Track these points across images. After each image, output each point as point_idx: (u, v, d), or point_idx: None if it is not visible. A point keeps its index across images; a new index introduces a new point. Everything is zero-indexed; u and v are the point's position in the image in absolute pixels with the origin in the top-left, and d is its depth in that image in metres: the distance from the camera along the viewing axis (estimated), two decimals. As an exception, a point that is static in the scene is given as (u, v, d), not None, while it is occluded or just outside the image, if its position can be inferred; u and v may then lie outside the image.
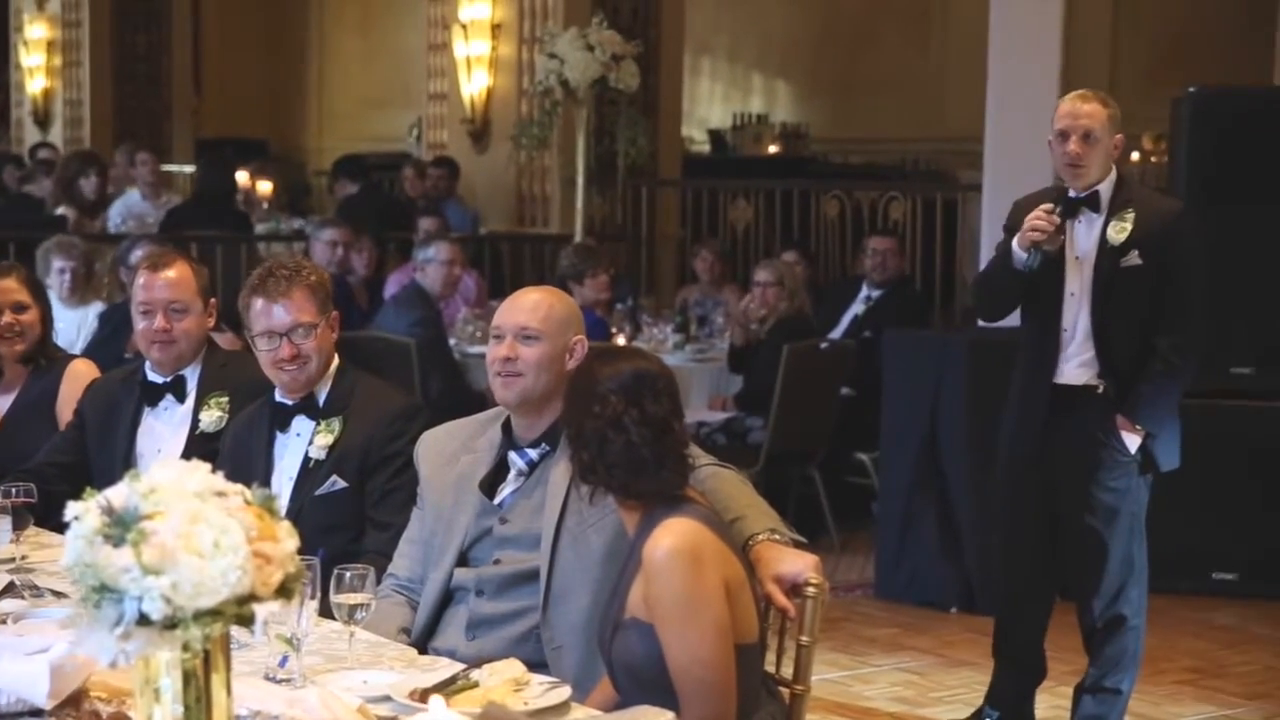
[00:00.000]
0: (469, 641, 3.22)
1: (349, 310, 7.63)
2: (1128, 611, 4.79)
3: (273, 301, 3.75)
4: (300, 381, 3.78)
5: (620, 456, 2.81)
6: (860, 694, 5.47)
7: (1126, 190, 4.76)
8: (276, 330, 3.74)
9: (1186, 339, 4.71)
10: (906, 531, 6.65)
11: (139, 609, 1.83)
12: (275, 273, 3.81)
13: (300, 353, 3.74)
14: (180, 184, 13.17)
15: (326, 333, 3.80)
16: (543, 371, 3.29)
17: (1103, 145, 4.68)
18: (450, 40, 11.12)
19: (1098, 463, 4.73)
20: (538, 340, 3.30)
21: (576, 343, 3.34)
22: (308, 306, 3.76)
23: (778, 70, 15.36)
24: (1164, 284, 4.67)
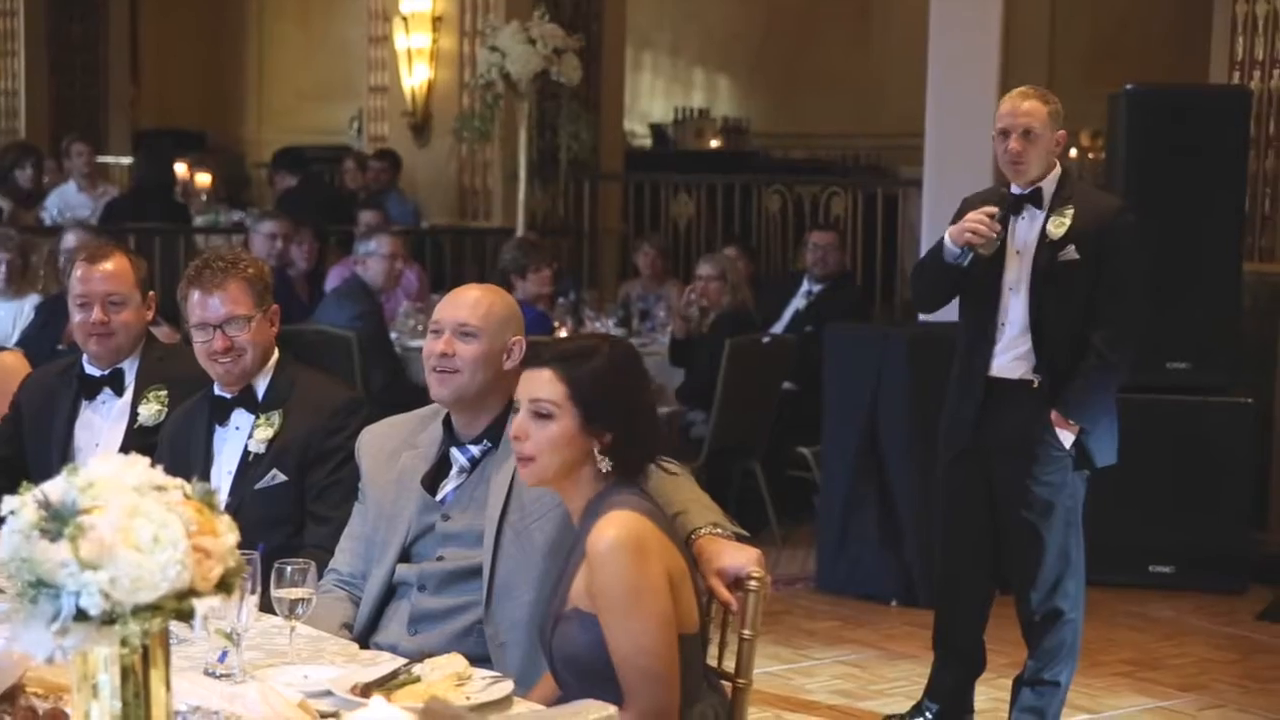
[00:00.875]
0: (411, 636, 3.21)
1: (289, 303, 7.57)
2: (1064, 605, 4.83)
3: (207, 293, 3.74)
4: (235, 374, 3.76)
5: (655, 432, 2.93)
6: (801, 687, 5.49)
7: (1069, 186, 4.80)
8: (210, 322, 3.73)
9: (1120, 333, 4.73)
10: (847, 525, 6.68)
11: (76, 604, 1.81)
12: (211, 264, 3.79)
13: (234, 345, 3.72)
14: (117, 176, 13.05)
15: (264, 326, 3.77)
16: (479, 370, 3.27)
17: (1043, 142, 4.73)
18: (391, 33, 11.07)
19: (1033, 457, 4.76)
20: (475, 338, 3.29)
21: (515, 343, 3.32)
22: (243, 299, 3.74)
23: (719, 65, 15.38)
24: (1100, 279, 4.71)
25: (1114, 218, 4.75)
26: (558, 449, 2.81)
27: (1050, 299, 4.73)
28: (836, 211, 10.10)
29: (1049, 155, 4.76)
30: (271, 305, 3.82)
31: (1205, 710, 5.35)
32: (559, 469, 2.82)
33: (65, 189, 10.71)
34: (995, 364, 4.83)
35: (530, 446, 2.82)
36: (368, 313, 7.43)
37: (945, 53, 7.70)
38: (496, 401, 3.31)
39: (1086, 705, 5.36)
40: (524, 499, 3.18)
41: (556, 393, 2.81)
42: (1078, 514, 4.86)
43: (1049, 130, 4.74)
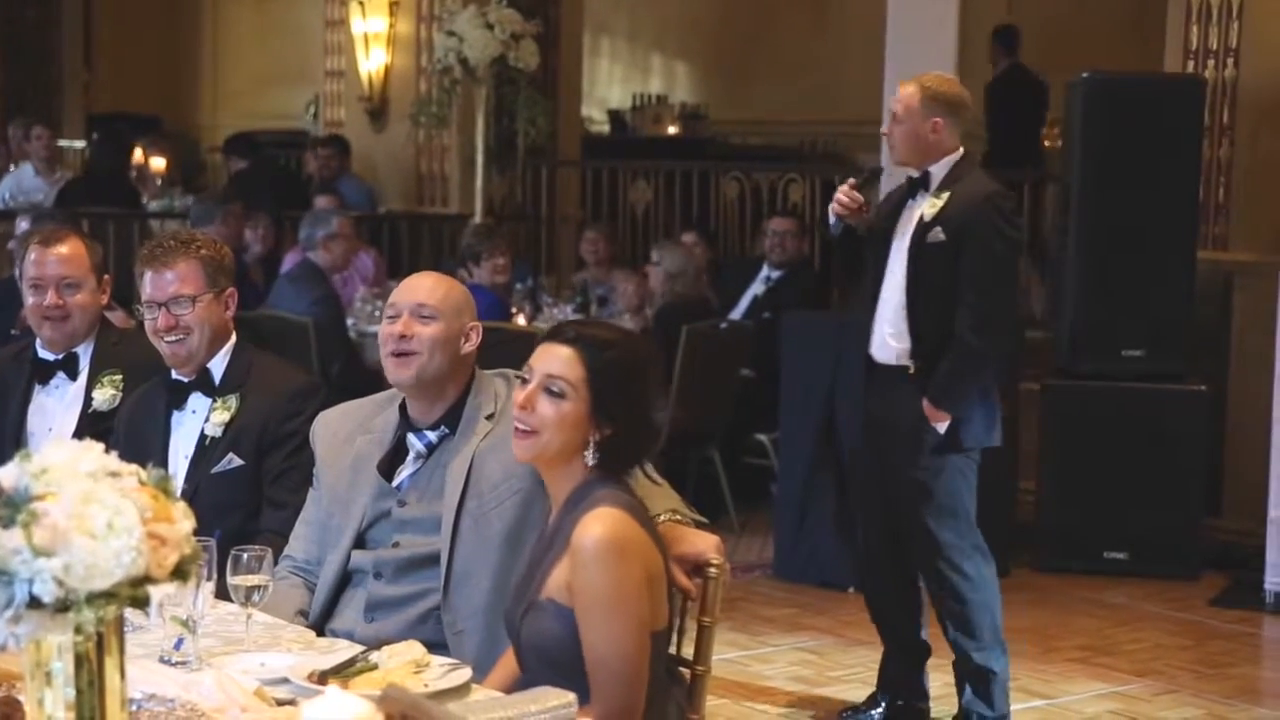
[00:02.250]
0: (367, 624, 3.20)
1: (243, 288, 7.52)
2: (964, 587, 4.81)
3: (156, 271, 3.73)
4: (181, 355, 3.73)
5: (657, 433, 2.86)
6: (759, 673, 5.50)
7: (958, 172, 4.83)
8: (156, 300, 3.72)
9: (982, 318, 4.71)
10: (805, 512, 6.69)
11: (30, 591, 1.79)
12: (165, 242, 3.79)
13: (179, 324, 3.70)
14: (71, 160, 12.94)
15: (214, 307, 3.74)
16: (438, 351, 3.26)
17: (909, 127, 4.79)
18: (348, 16, 11.01)
19: (910, 444, 4.79)
20: (434, 319, 3.27)
21: (472, 328, 3.32)
22: (192, 278, 3.72)
23: (677, 51, 15.36)
24: (960, 265, 4.72)
25: (980, 201, 4.74)
26: (562, 429, 2.76)
27: (920, 282, 4.77)
28: (794, 198, 10.11)
29: (919, 140, 4.79)
30: (226, 288, 3.79)
31: (1159, 695, 5.39)
32: (557, 450, 2.77)
33: (21, 173, 10.63)
34: (873, 345, 4.90)
35: (535, 420, 2.77)
36: (326, 298, 7.39)
37: (902, 40, 7.72)
38: (454, 387, 3.30)
39: (1041, 691, 5.39)
40: (482, 486, 3.17)
41: (575, 374, 2.76)
42: (963, 499, 4.83)
43: (918, 116, 4.79)
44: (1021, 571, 6.86)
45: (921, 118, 4.79)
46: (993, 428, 4.89)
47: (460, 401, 3.29)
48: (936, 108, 4.80)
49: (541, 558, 2.82)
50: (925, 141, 4.80)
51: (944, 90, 4.85)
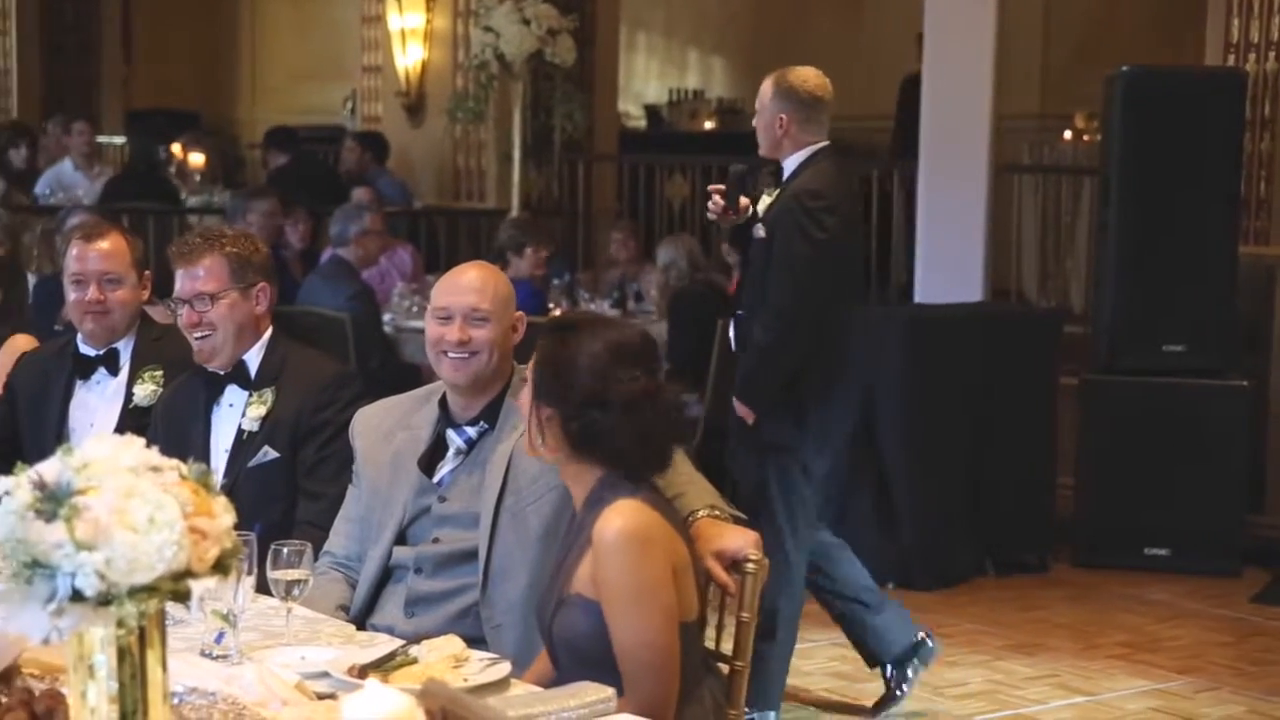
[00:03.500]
0: (407, 619, 3.20)
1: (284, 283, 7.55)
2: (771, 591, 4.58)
3: (182, 268, 3.75)
4: (206, 350, 3.74)
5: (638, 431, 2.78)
6: (797, 669, 5.47)
7: (804, 168, 4.83)
8: (181, 297, 3.75)
9: (773, 316, 4.71)
10: (843, 509, 6.66)
11: (72, 585, 1.80)
12: (192, 240, 3.81)
13: (202, 320, 3.72)
14: (111, 156, 13.00)
15: (240, 303, 3.74)
16: (495, 351, 3.28)
17: (762, 120, 4.84)
18: (385, 12, 11.03)
19: (735, 436, 4.87)
20: (487, 321, 3.28)
21: (518, 319, 3.34)
22: (216, 274, 3.72)
23: (713, 46, 15.34)
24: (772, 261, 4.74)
25: (791, 199, 4.74)
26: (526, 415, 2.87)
27: (748, 277, 4.84)
28: (831, 193, 10.05)
29: (772, 132, 4.82)
30: (258, 283, 3.77)
31: (1201, 693, 5.35)
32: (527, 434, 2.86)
33: (61, 168, 10.69)
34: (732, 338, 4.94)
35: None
36: (362, 293, 7.41)
37: (939, 35, 7.69)
38: (497, 382, 3.30)
39: (1082, 687, 5.36)
40: (520, 482, 3.17)
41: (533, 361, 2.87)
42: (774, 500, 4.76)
43: (769, 109, 4.82)
44: (1061, 568, 6.84)
45: (771, 112, 4.83)
46: (806, 435, 4.76)
47: (500, 396, 3.29)
48: (784, 103, 4.82)
49: (565, 555, 2.83)
50: (774, 135, 4.84)
51: (796, 85, 4.85)
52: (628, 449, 2.78)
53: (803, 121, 4.80)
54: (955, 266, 7.53)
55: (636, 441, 2.79)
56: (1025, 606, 6.29)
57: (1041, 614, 6.20)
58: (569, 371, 2.82)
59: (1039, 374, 6.92)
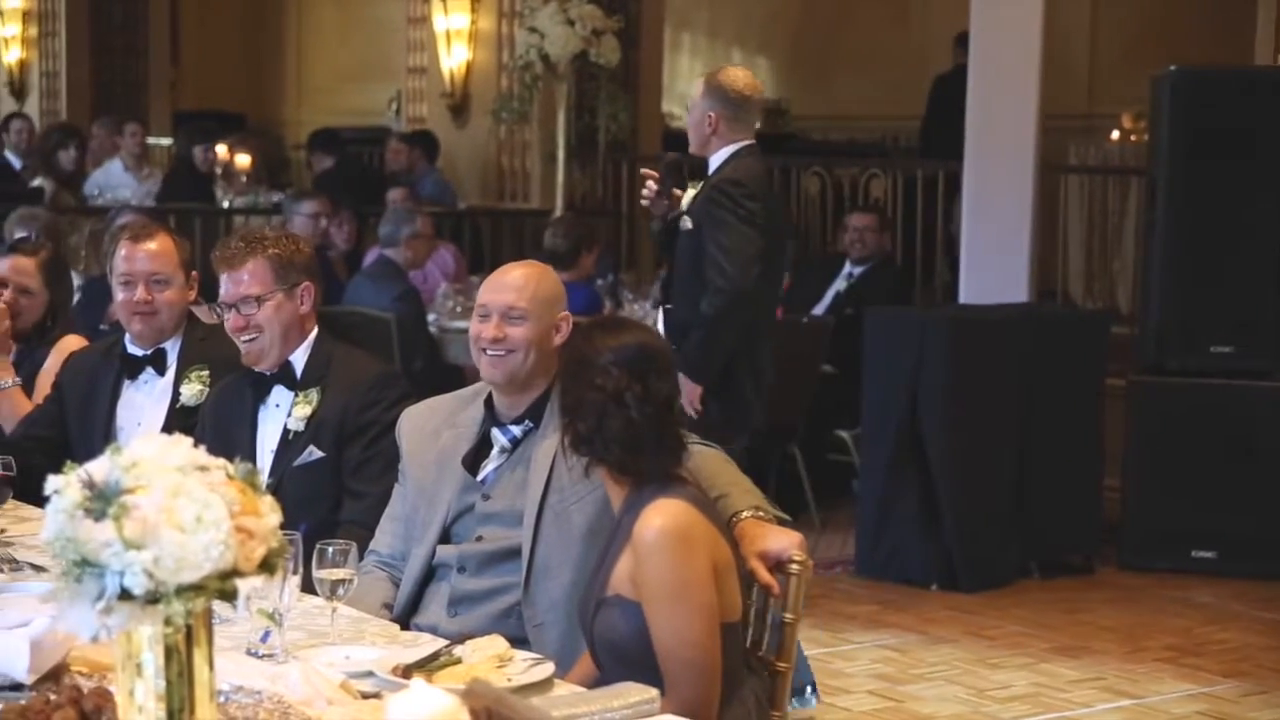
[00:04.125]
0: (451, 618, 3.21)
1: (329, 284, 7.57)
2: None
3: (226, 272, 3.76)
4: (254, 353, 3.75)
5: (620, 433, 2.77)
6: (840, 670, 5.47)
7: (729, 164, 5.01)
8: (227, 300, 3.75)
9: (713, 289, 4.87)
10: (887, 509, 6.65)
11: (121, 584, 1.81)
12: (234, 243, 3.80)
13: (249, 324, 3.72)
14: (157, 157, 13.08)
15: (285, 304, 3.74)
16: (531, 350, 3.27)
17: (692, 116, 5.06)
18: (430, 13, 11.07)
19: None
20: (524, 320, 3.28)
21: (562, 319, 3.32)
22: (259, 277, 3.73)
23: (758, 46, 15.31)
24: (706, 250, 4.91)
25: (714, 190, 4.95)
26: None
27: (674, 266, 5.01)
28: (876, 194, 10.04)
29: (701, 129, 5.02)
30: (301, 283, 3.78)
31: (1247, 696, 5.31)
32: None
33: (110, 169, 10.76)
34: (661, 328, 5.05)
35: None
36: (408, 294, 7.42)
37: (986, 33, 7.65)
38: (540, 381, 3.30)
39: (1129, 690, 5.33)
40: (564, 480, 3.17)
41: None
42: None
43: (699, 106, 5.01)
44: (1108, 570, 6.80)
45: (701, 109, 5.02)
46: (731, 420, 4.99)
47: (545, 395, 3.29)
48: (714, 102, 5.02)
49: (606, 555, 2.83)
50: (703, 131, 5.04)
51: (726, 85, 5.05)
52: (617, 455, 2.78)
53: (730, 119, 5.01)
54: (1000, 267, 7.49)
55: (624, 448, 2.78)
56: (1070, 609, 6.26)
57: (1087, 616, 6.16)
58: (568, 376, 2.86)
59: (1085, 375, 6.88)
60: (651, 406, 2.78)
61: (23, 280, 4.58)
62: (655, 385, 2.80)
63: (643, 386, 2.78)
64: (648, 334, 2.93)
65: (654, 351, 2.85)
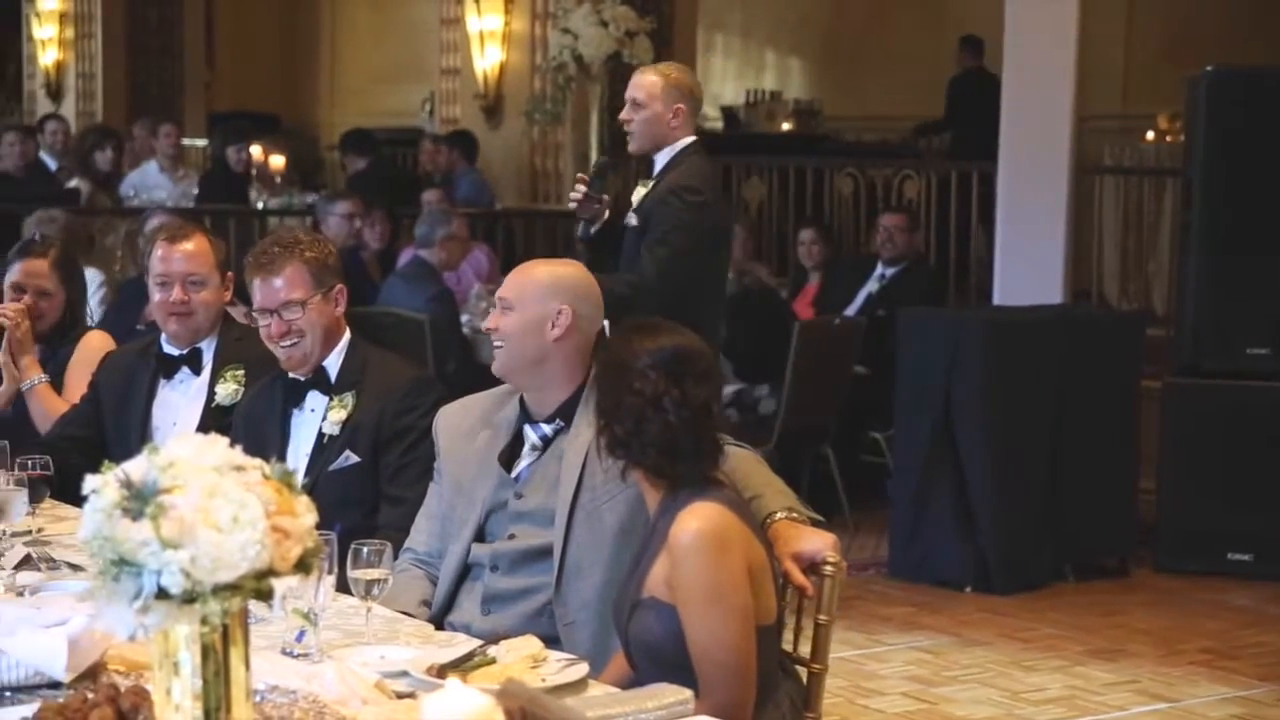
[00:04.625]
0: (484, 616, 3.21)
1: (362, 285, 7.60)
2: None
3: (264, 278, 3.74)
4: (296, 358, 3.75)
5: (657, 437, 2.76)
6: (874, 672, 5.46)
7: (678, 160, 5.02)
8: (267, 307, 3.74)
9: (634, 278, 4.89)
10: (921, 510, 6.63)
11: (157, 583, 1.81)
12: (268, 249, 3.79)
13: (291, 329, 3.72)
14: (193, 158, 13.14)
15: (324, 307, 3.75)
16: (515, 340, 3.26)
17: (651, 113, 4.99)
18: (463, 14, 11.09)
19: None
20: (510, 310, 3.29)
21: (559, 310, 3.25)
22: (299, 282, 3.72)
23: (791, 47, 15.30)
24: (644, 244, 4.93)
25: (666, 191, 4.98)
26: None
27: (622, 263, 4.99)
28: (909, 194, 10.02)
29: (660, 127, 5.00)
30: (335, 286, 3.79)
31: (1284, 700, 5.28)
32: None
33: (146, 169, 10.82)
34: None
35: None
36: (441, 295, 7.44)
37: (1020, 35, 7.62)
38: (563, 377, 3.27)
39: (1163, 693, 5.30)
40: (596, 479, 3.16)
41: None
42: None
43: (662, 101, 4.98)
44: (1143, 573, 6.77)
45: (664, 104, 4.99)
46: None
47: (576, 395, 3.29)
48: (680, 95, 5.01)
49: (641, 558, 2.83)
50: (665, 128, 5.01)
51: (685, 79, 5.07)
52: (655, 458, 2.78)
53: (689, 114, 5.05)
54: (1035, 268, 7.47)
55: (662, 452, 2.77)
56: (1105, 611, 6.23)
57: (1122, 619, 6.14)
58: (605, 378, 2.85)
59: (1120, 377, 6.85)
60: (689, 410, 2.77)
61: (39, 282, 4.60)
62: (693, 389, 2.78)
63: (681, 391, 2.77)
64: (686, 337, 2.91)
65: (692, 355, 2.83)
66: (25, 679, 2.46)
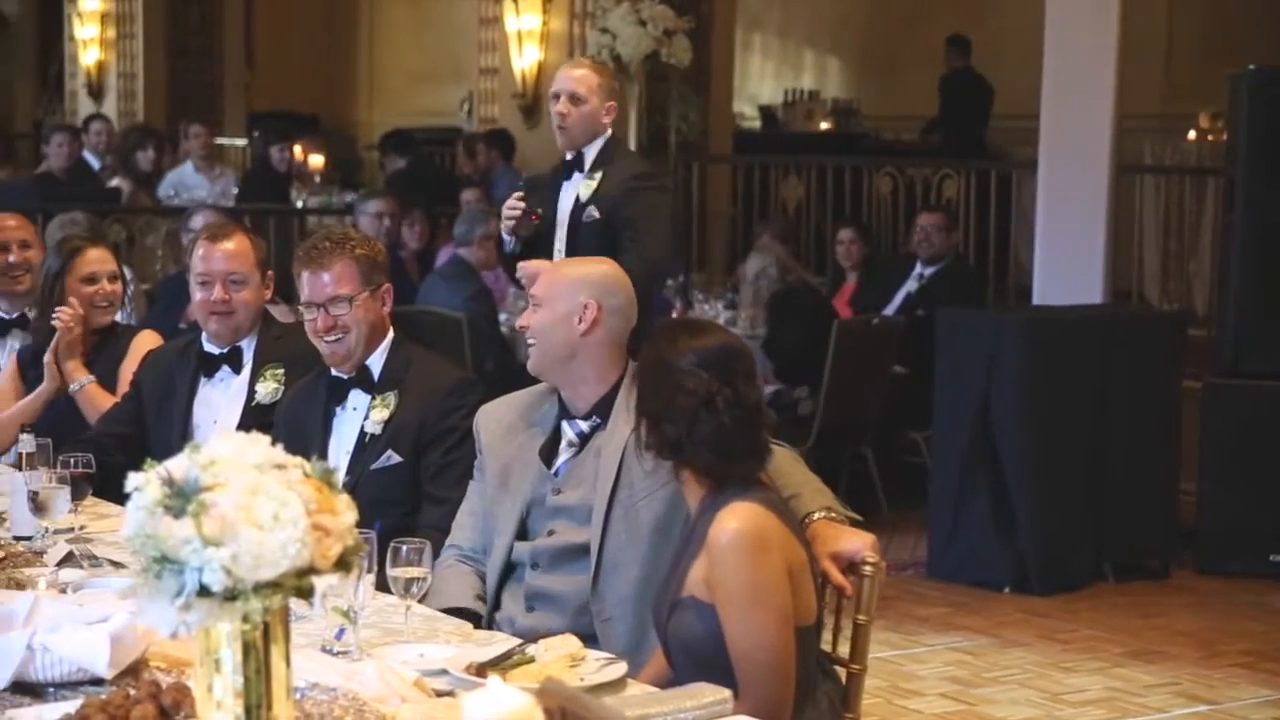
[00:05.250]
0: (528, 613, 3.22)
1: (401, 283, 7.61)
2: None
3: (314, 272, 3.75)
4: (340, 354, 3.76)
5: (710, 437, 2.75)
6: (912, 673, 5.45)
7: (608, 153, 5.11)
8: (315, 301, 3.74)
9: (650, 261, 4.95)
10: (959, 511, 6.61)
11: (199, 580, 1.82)
12: (320, 244, 3.80)
13: (337, 324, 3.73)
14: (233, 157, 13.21)
15: (371, 305, 3.76)
16: (546, 336, 3.28)
17: (591, 107, 5.07)
18: (501, 14, 11.10)
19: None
20: (539, 306, 3.31)
21: (586, 304, 3.26)
22: (348, 278, 3.73)
23: (829, 46, 15.27)
24: (622, 233, 4.97)
25: (634, 180, 5.07)
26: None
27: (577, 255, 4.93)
28: (948, 194, 9.99)
29: (597, 120, 5.08)
30: (382, 284, 3.80)
31: (1326, 703, 5.24)
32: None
33: (183, 170, 10.88)
34: None
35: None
36: (480, 294, 7.46)
37: (1062, 33, 7.59)
38: (595, 374, 3.28)
39: (1204, 696, 5.27)
40: (633, 475, 3.17)
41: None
42: None
43: (599, 96, 5.07)
44: (1183, 574, 6.72)
45: (600, 100, 5.07)
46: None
47: (612, 392, 3.29)
48: (612, 91, 5.13)
49: (680, 557, 2.82)
50: (598, 123, 5.10)
51: (611, 74, 5.24)
52: (707, 458, 2.77)
53: (614, 110, 5.15)
54: (1075, 268, 7.43)
55: (714, 451, 2.77)
56: (1146, 613, 6.20)
57: (1162, 621, 6.10)
58: (652, 378, 2.84)
59: (1161, 377, 6.81)
60: (741, 410, 2.77)
61: (111, 267, 4.69)
62: (744, 388, 2.79)
63: (732, 390, 2.77)
64: (730, 335, 2.92)
65: (739, 353, 2.84)
66: (68, 675, 2.48)
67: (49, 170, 10.54)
